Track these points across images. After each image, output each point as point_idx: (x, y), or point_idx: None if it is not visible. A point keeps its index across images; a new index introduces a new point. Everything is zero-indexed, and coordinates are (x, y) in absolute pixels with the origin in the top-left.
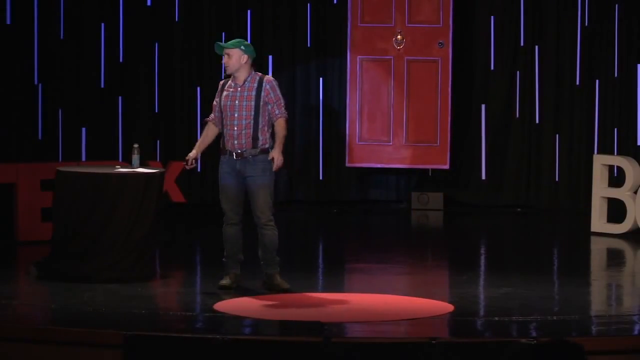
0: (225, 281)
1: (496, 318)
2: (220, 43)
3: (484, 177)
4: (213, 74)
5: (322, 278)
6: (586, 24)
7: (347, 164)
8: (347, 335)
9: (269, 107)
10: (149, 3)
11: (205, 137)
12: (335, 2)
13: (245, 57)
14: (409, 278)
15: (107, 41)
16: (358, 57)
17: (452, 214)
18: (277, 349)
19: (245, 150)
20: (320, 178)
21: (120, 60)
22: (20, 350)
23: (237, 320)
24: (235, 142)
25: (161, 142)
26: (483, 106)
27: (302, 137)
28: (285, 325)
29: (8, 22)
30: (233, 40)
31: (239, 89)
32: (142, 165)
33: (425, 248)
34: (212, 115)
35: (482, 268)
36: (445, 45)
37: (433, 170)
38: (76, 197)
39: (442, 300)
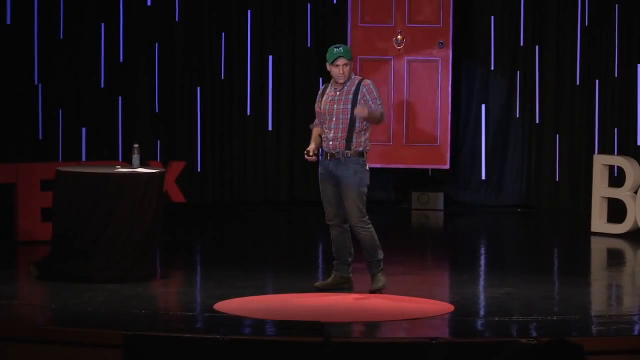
0: (319, 283)
1: (496, 318)
2: (342, 52)
3: (484, 177)
4: (213, 74)
5: (322, 278)
6: (586, 24)
7: None
8: (347, 335)
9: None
10: (149, 3)
11: (317, 135)
12: (335, 2)
13: (351, 65)
14: (409, 278)
15: (107, 41)
16: (358, 57)
17: (452, 214)
18: (277, 349)
19: (338, 151)
20: None
21: (120, 60)
22: (20, 350)
23: (237, 320)
24: (331, 143)
25: (161, 142)
26: (483, 106)
27: (302, 137)
28: (285, 325)
29: (8, 22)
30: (347, 49)
31: (338, 93)
32: (142, 165)
33: (425, 248)
34: (316, 121)
35: (482, 268)
36: (445, 45)
37: (433, 170)
38: (76, 197)
39: (442, 300)
